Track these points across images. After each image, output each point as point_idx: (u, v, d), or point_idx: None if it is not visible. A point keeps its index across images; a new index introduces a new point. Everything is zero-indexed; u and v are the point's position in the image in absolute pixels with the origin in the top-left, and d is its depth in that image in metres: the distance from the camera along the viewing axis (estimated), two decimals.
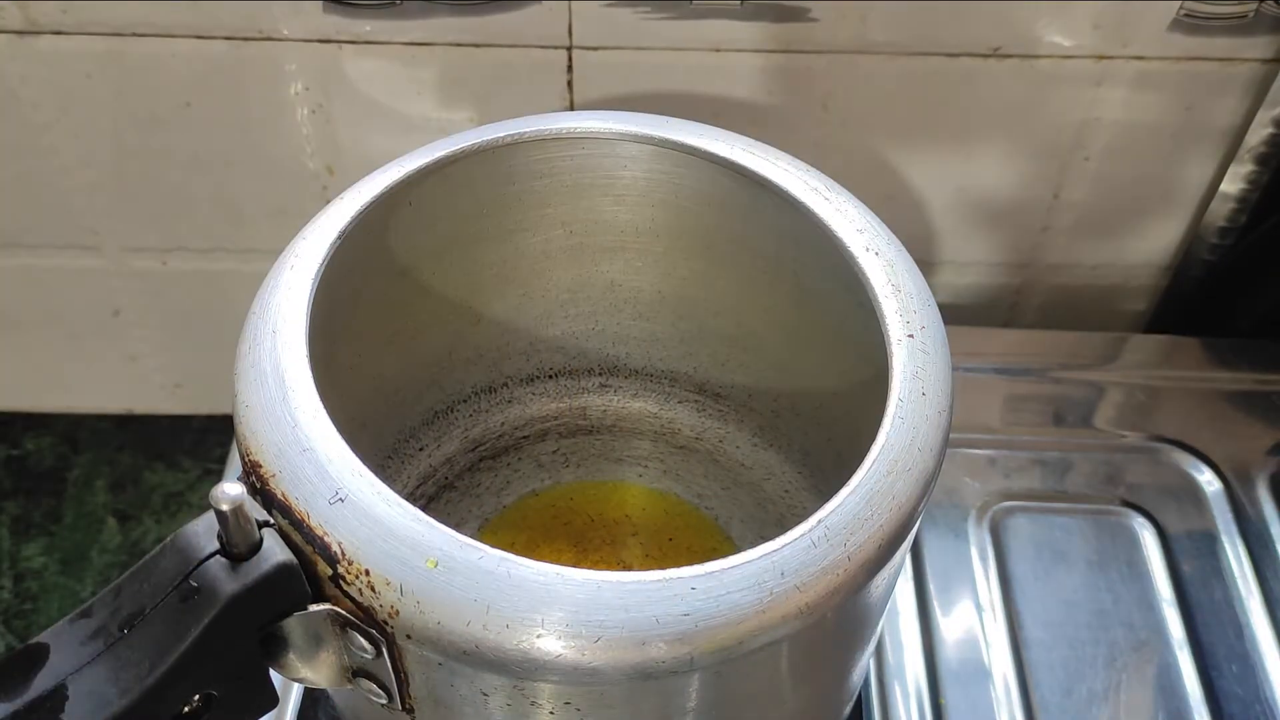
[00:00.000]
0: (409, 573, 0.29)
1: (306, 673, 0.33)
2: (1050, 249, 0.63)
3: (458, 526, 0.30)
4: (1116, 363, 0.61)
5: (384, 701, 0.33)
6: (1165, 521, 0.54)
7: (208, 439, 0.70)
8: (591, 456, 0.51)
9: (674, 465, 0.51)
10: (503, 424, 0.51)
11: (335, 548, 0.30)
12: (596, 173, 0.43)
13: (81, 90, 0.55)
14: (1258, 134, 0.56)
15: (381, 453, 0.47)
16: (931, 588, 0.52)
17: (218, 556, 0.30)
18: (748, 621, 0.29)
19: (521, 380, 0.51)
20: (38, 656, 0.29)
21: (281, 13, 0.52)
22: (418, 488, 0.49)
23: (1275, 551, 0.53)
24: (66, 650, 0.29)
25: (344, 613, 0.30)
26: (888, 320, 0.35)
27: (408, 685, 0.32)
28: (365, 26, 0.53)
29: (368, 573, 0.29)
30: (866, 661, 0.41)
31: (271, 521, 0.31)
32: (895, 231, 0.39)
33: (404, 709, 0.33)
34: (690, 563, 0.29)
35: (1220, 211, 0.60)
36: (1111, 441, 0.57)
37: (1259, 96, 0.55)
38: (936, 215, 0.61)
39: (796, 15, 0.52)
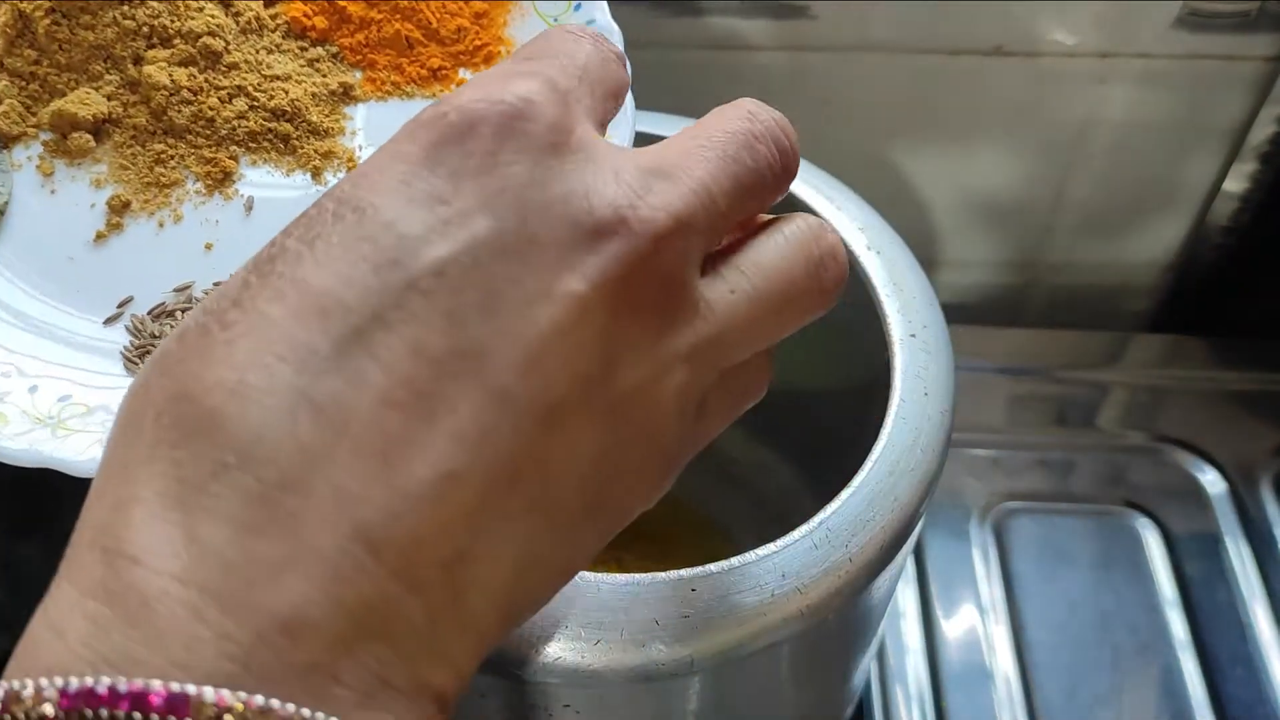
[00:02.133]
0: None
1: None
2: (1053, 248, 0.62)
3: None
4: (1120, 362, 0.61)
5: None
6: (1169, 522, 0.54)
7: None
8: None
9: None
10: None
11: None
12: None
13: None
14: (1261, 132, 0.56)
15: None
16: (934, 589, 0.51)
17: None
18: (748, 623, 0.29)
19: None
20: None
21: None
22: None
23: (1279, 552, 0.53)
24: None
25: None
26: (890, 319, 0.35)
27: None
28: None
29: None
30: (868, 663, 0.41)
31: None
32: (897, 230, 0.38)
33: None
34: (690, 564, 0.29)
35: (1224, 210, 0.60)
36: (1115, 442, 0.57)
37: (1262, 94, 0.55)
38: (939, 214, 0.61)
39: (797, 13, 0.52)
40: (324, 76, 0.34)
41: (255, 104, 0.33)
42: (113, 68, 0.33)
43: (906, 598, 0.51)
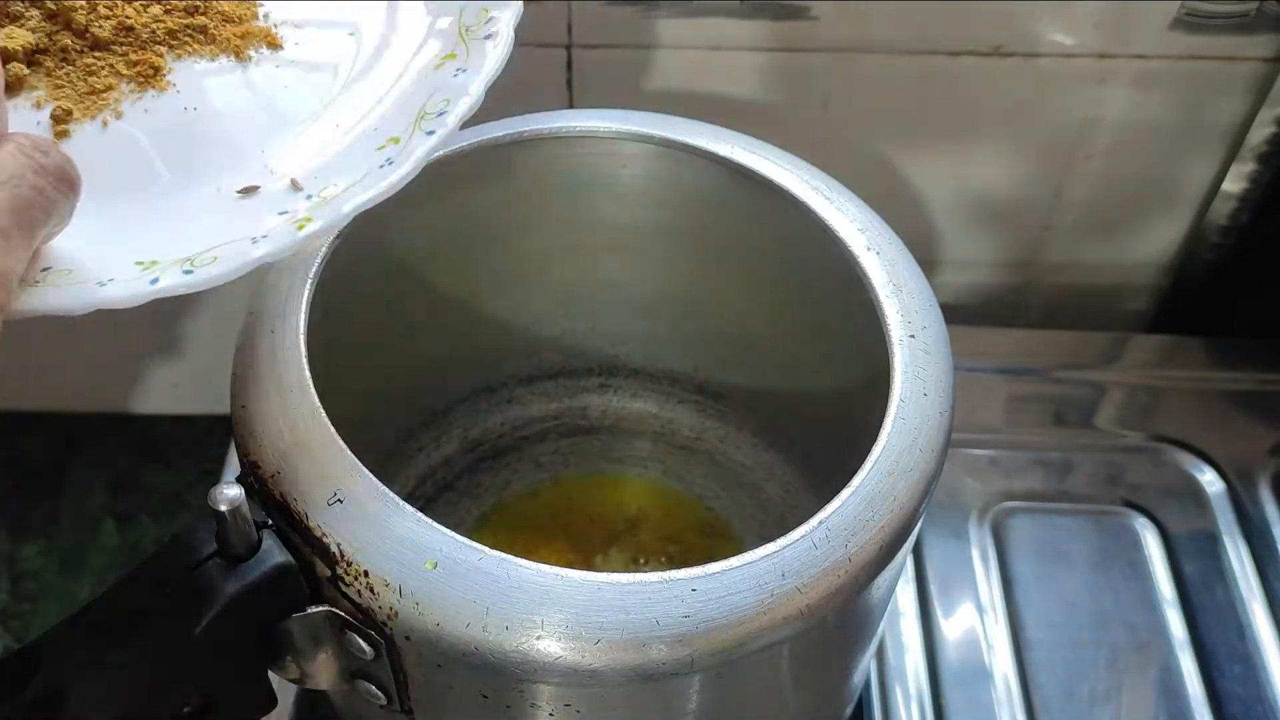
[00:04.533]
0: (408, 574, 0.29)
1: (305, 674, 0.33)
2: (1052, 248, 0.63)
3: (457, 527, 0.30)
4: (1118, 362, 0.61)
5: (383, 703, 0.33)
6: (1167, 522, 0.54)
7: (206, 439, 0.70)
8: (591, 456, 0.51)
9: (674, 465, 0.51)
10: (502, 424, 0.51)
11: (334, 549, 0.30)
12: (596, 172, 0.43)
13: None
14: (1259, 133, 0.56)
15: (381, 453, 0.47)
16: (933, 589, 0.51)
17: (216, 558, 0.30)
18: (748, 623, 0.29)
19: (521, 380, 0.51)
20: (36, 658, 0.29)
21: None
22: (416, 488, 0.49)
23: (1277, 552, 0.53)
24: (64, 652, 0.29)
25: (343, 614, 0.30)
26: (889, 320, 0.35)
27: (407, 687, 0.32)
28: None
29: (367, 574, 0.29)
30: (867, 663, 0.41)
31: (270, 522, 0.31)
32: (896, 231, 0.38)
33: (403, 710, 0.33)
34: (691, 564, 0.29)
35: (1222, 210, 0.60)
36: (1113, 441, 0.57)
37: (1260, 95, 0.55)
38: (938, 214, 0.61)
39: (797, 13, 0.52)
40: None
41: (170, 8, 0.36)
42: (31, 5, 0.35)
43: (906, 597, 0.51)
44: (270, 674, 0.33)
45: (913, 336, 0.35)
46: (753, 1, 0.52)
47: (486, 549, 0.29)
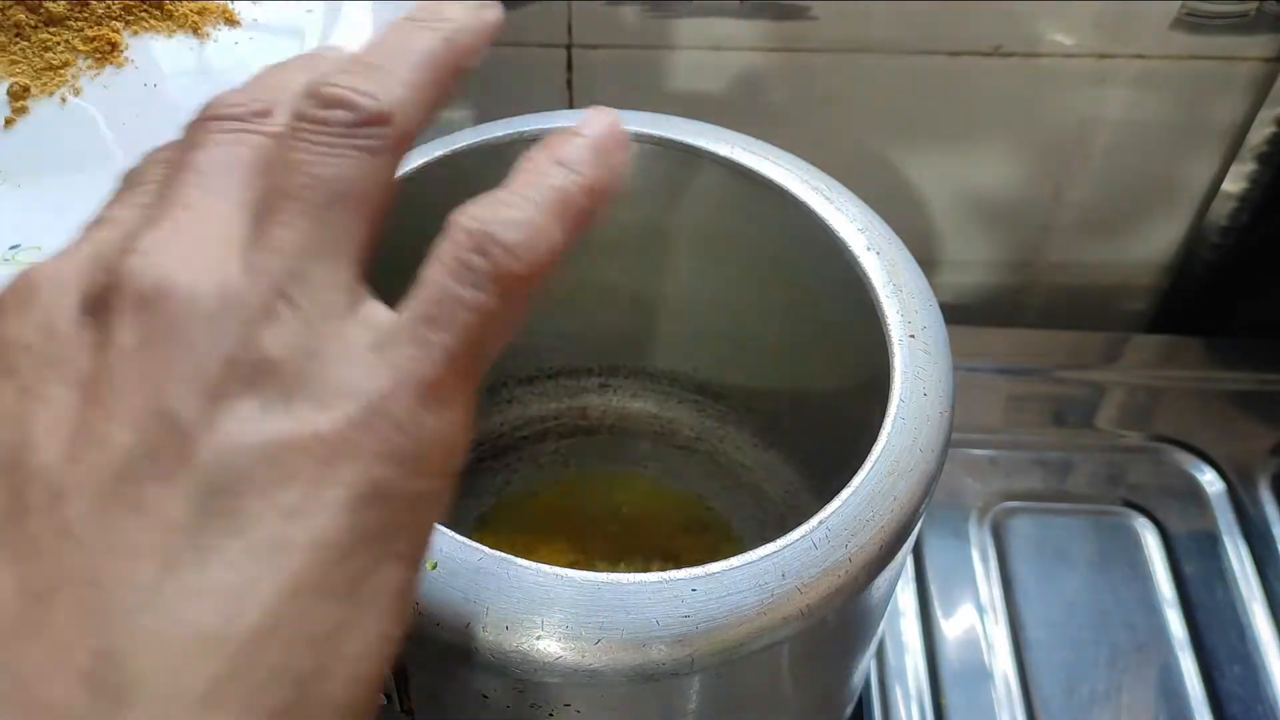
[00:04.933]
0: None
1: None
2: (1052, 248, 0.63)
3: (456, 527, 0.30)
4: (1118, 362, 0.61)
5: (383, 703, 0.33)
6: (1167, 522, 0.54)
7: None
8: (591, 457, 0.51)
9: (674, 465, 0.51)
10: (502, 424, 0.51)
11: None
12: None
13: None
14: (1259, 133, 0.56)
15: None
16: (933, 589, 0.51)
17: None
18: (748, 623, 0.29)
19: (521, 380, 0.51)
20: None
21: None
22: None
23: (1277, 552, 0.53)
24: None
25: None
26: (889, 320, 0.35)
27: (407, 687, 0.32)
28: None
29: None
30: (868, 663, 0.41)
31: None
32: (896, 231, 0.38)
33: (403, 710, 0.33)
34: (691, 563, 0.29)
35: (1222, 210, 0.60)
36: (1113, 441, 0.57)
37: (1260, 95, 0.55)
38: (938, 214, 0.61)
39: (797, 13, 0.52)
40: None
41: None
42: None
43: (906, 597, 0.51)
44: None
45: (913, 336, 0.35)
46: (753, 1, 0.52)
47: (486, 549, 0.29)
